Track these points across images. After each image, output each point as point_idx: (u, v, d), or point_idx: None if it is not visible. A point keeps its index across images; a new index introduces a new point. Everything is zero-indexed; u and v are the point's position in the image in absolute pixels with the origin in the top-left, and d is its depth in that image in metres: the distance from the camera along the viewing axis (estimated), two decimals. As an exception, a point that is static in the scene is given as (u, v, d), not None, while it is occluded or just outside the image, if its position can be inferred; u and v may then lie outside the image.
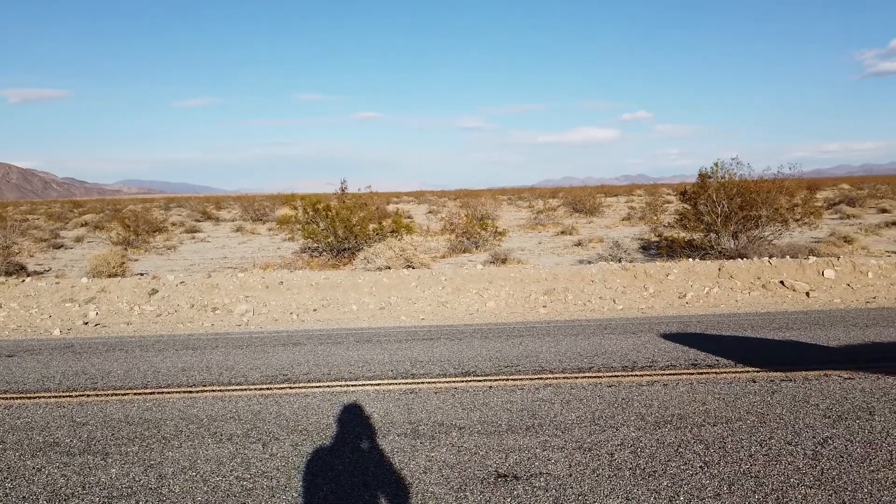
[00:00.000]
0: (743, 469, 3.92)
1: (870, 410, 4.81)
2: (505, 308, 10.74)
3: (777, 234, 14.44)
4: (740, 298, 10.67)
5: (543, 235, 24.95)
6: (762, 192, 13.90)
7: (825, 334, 7.52)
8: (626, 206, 43.81)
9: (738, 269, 11.66)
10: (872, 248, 16.52)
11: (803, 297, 10.61)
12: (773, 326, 8.19)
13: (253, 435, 4.84)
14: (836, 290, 10.85)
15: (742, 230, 14.03)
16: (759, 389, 5.44)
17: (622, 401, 5.30)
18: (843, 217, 27.41)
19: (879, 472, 3.79)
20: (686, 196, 15.65)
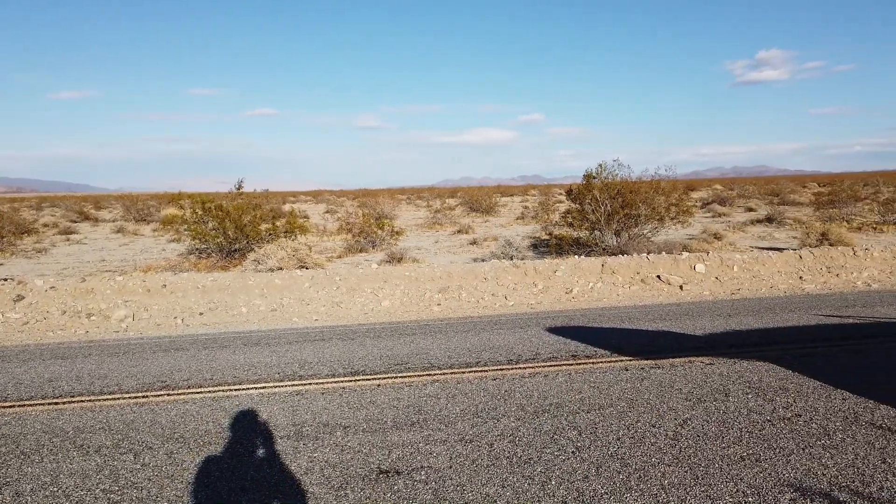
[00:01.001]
0: (611, 452, 4.17)
1: (725, 392, 5.24)
2: (400, 307, 10.78)
3: (655, 232, 15.39)
4: (621, 292, 11.28)
5: (440, 234, 25.25)
6: (641, 192, 14.77)
7: (693, 324, 8.11)
8: (520, 205, 45.12)
9: (620, 265, 12.32)
10: (739, 244, 17.96)
11: (677, 290, 11.37)
12: (649, 318, 8.73)
13: (124, 445, 4.60)
14: (706, 283, 11.71)
15: (623, 228, 14.84)
16: (630, 377, 5.79)
17: (505, 393, 5.48)
18: (715, 215, 29.57)
19: (730, 449, 4.14)
20: (573, 196, 16.36)
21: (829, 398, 4.96)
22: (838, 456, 3.91)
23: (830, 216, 23.08)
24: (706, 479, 3.71)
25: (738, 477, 3.72)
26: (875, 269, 12.11)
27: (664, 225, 15.45)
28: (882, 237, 18.67)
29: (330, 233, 25.56)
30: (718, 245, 17.11)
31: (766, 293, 10.74)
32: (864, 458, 3.87)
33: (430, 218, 31.91)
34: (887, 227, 21.02)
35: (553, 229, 18.76)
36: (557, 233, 16.99)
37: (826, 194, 26.96)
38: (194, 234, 16.81)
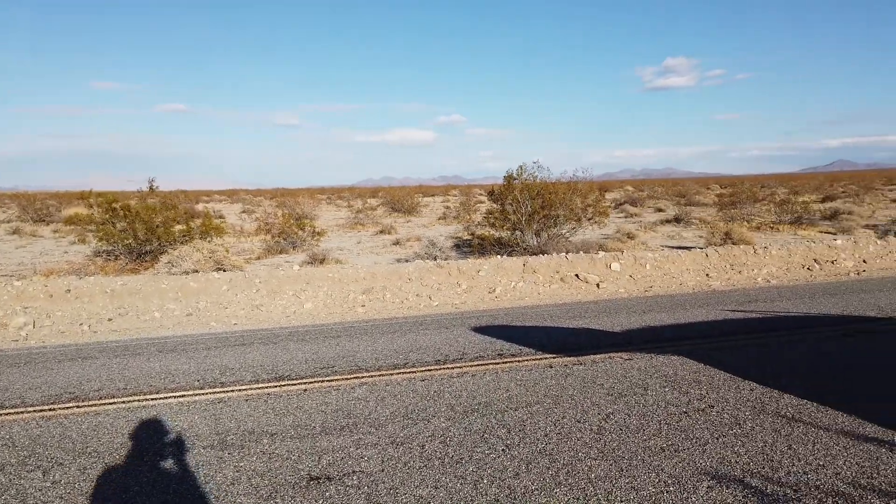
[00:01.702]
0: (539, 448, 4.26)
1: (644, 386, 5.47)
2: (323, 309, 10.61)
3: (573, 232, 15.87)
4: (542, 291, 11.56)
5: (363, 235, 25.03)
6: (559, 193, 15.19)
7: (611, 321, 8.42)
8: (442, 205, 45.38)
9: (541, 265, 12.62)
10: (650, 243, 18.78)
11: (595, 288, 11.77)
12: (570, 316, 8.99)
13: (31, 462, 4.29)
14: (621, 280, 12.18)
15: (543, 228, 15.21)
16: (555, 374, 5.94)
17: (434, 393, 5.50)
18: (627, 216, 30.80)
19: (651, 440, 4.33)
20: (494, 196, 16.62)
21: (739, 389, 5.27)
22: (749, 444, 4.17)
23: (732, 216, 24.51)
24: (630, 471, 3.86)
25: (660, 467, 3.89)
26: (773, 266, 12.97)
27: (581, 225, 15.95)
28: (778, 236, 20.01)
29: (248, 234, 24.81)
30: (632, 244, 17.83)
31: (677, 290, 11.29)
32: (772, 444, 4.14)
33: (351, 218, 31.57)
34: (783, 226, 22.56)
35: (475, 229, 18.98)
36: (480, 233, 17.21)
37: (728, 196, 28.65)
38: (101, 235, 15.90)
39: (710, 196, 41.00)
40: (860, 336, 6.94)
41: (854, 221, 21.73)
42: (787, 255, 13.51)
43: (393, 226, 26.52)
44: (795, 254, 13.54)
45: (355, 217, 31.66)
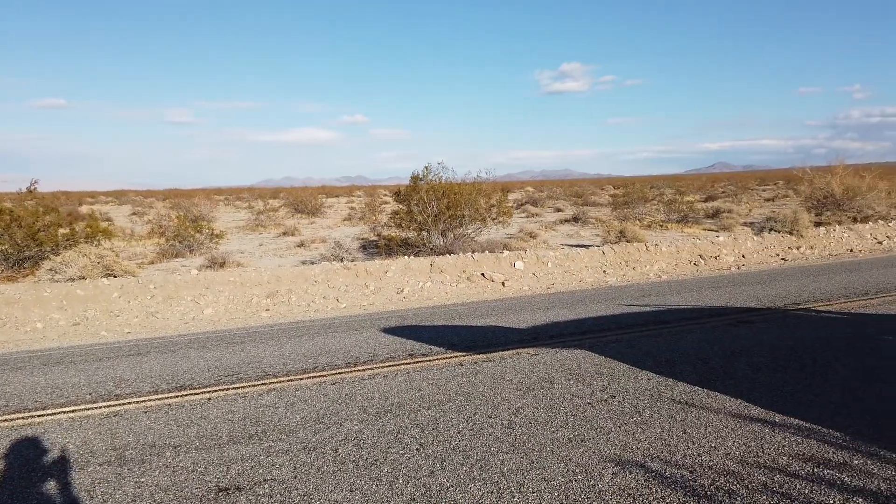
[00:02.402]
0: (453, 445, 4.32)
1: (551, 380, 5.67)
2: (225, 314, 10.23)
3: (478, 232, 16.16)
4: (450, 290, 11.70)
5: (265, 237, 24.31)
6: (464, 193, 15.42)
7: (517, 318, 8.65)
8: (346, 206, 44.85)
9: (447, 264, 12.77)
10: (551, 242, 19.44)
11: (500, 286, 12.04)
12: (478, 314, 9.16)
13: None
14: (524, 279, 12.54)
15: (450, 228, 15.39)
16: (465, 371, 6.04)
17: (346, 396, 5.45)
18: (529, 215, 31.71)
19: (559, 432, 4.49)
20: (400, 196, 16.63)
21: (637, 379, 5.57)
22: (648, 430, 4.42)
23: (626, 216, 25.80)
24: (540, 462, 3.99)
25: (568, 457, 4.05)
26: (664, 263, 13.79)
27: (486, 225, 16.27)
28: (667, 234, 21.25)
29: (139, 237, 23.48)
30: (534, 243, 18.38)
31: (577, 287, 11.76)
32: (669, 430, 4.41)
33: (252, 220, 30.55)
34: (671, 224, 23.99)
35: (382, 230, 18.91)
36: (386, 234, 17.17)
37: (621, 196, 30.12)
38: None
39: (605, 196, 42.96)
40: (742, 325, 7.51)
41: (733, 219, 23.45)
42: (676, 251, 14.39)
43: (297, 227, 25.93)
44: (683, 250, 14.45)
45: (256, 218, 30.68)
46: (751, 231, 17.97)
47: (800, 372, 5.55)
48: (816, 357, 5.99)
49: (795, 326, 7.35)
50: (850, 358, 5.91)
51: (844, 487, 3.49)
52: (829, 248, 15.48)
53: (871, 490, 3.45)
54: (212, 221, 28.48)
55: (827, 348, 6.28)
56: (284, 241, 22.30)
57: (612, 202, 31.67)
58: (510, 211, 17.74)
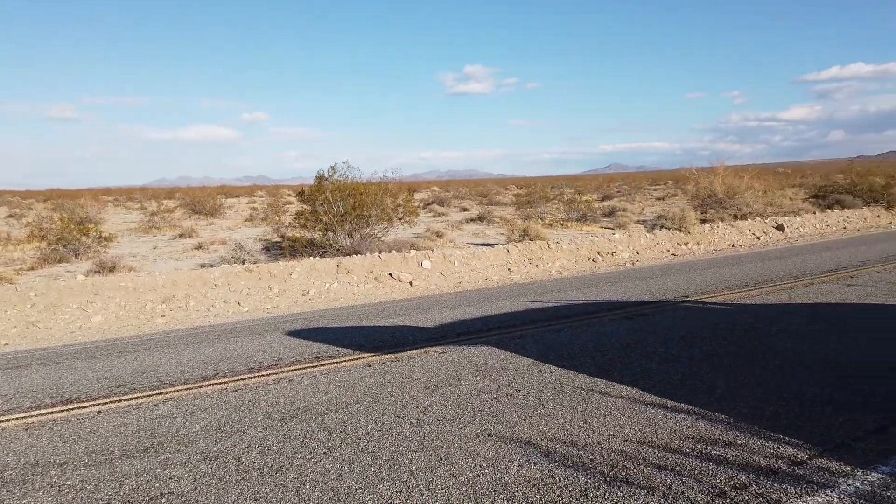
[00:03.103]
0: (361, 447, 4.28)
1: (458, 377, 5.73)
2: (116, 322, 9.64)
3: (385, 232, 16.10)
4: (357, 291, 11.58)
5: (159, 239, 23.09)
6: (371, 193, 15.32)
7: (425, 317, 8.69)
8: (248, 206, 43.41)
9: (354, 265, 12.64)
10: (458, 241, 19.67)
11: (408, 286, 12.06)
12: (385, 314, 9.12)
13: None
14: (432, 278, 12.62)
15: (356, 229, 15.24)
16: (373, 372, 6.00)
17: (249, 403, 5.27)
18: (435, 215, 31.94)
19: (466, 428, 4.55)
20: (305, 197, 16.29)
21: (541, 372, 5.74)
22: (552, 421, 4.56)
23: (528, 215, 26.53)
24: (448, 459, 4.03)
25: (476, 452, 4.11)
26: (564, 260, 14.29)
27: (393, 225, 16.24)
28: (567, 232, 22.04)
29: (17, 241, 21.68)
30: (441, 242, 18.54)
31: (483, 284, 11.97)
32: (571, 420, 4.57)
33: (145, 221, 28.94)
34: (571, 223, 24.90)
35: (286, 231, 18.44)
36: (291, 235, 16.76)
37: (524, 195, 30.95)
38: None
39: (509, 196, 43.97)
40: (637, 318, 7.91)
41: (628, 218, 24.65)
42: (576, 249, 14.96)
43: (194, 229, 24.81)
44: (582, 248, 15.04)
45: (150, 220, 29.10)
46: (644, 229, 18.95)
47: (689, 360, 5.92)
48: (703, 346, 6.40)
49: (684, 318, 7.83)
50: (733, 345, 6.37)
51: (730, 464, 3.75)
52: (714, 244, 16.60)
53: (753, 465, 3.72)
54: (100, 223, 26.76)
55: (713, 337, 6.73)
56: (181, 243, 21.29)
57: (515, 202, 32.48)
58: (416, 210, 17.80)
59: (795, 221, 19.32)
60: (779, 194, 24.11)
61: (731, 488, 3.48)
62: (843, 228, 19.57)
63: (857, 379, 5.18)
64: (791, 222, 19.09)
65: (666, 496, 3.42)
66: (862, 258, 12.34)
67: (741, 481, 3.54)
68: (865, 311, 7.75)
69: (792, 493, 3.39)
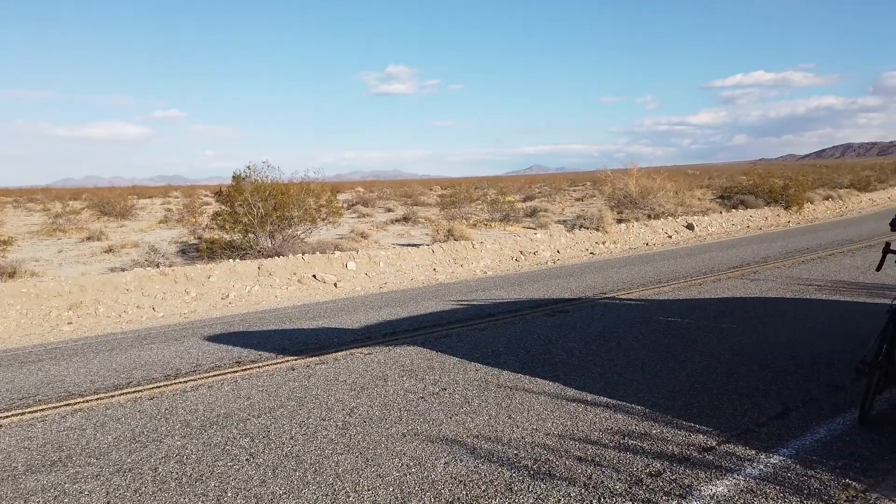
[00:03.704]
0: (285, 452, 4.20)
1: (384, 378, 5.72)
2: (17, 330, 9.03)
3: (308, 233, 15.82)
4: (280, 294, 11.33)
5: (65, 242, 21.77)
6: (293, 194, 15.02)
7: (351, 318, 8.61)
8: (162, 208, 41.61)
9: (277, 267, 12.36)
10: (383, 242, 19.58)
11: (332, 287, 11.90)
12: (309, 316, 8.97)
13: None
14: (357, 279, 12.51)
15: (278, 230, 14.90)
16: (297, 376, 5.90)
17: (166, 411, 5.07)
18: (360, 216, 31.67)
19: (393, 428, 4.55)
20: (223, 197, 15.79)
21: (466, 371, 5.81)
22: (477, 418, 4.63)
23: (453, 215, 26.73)
24: (375, 460, 4.02)
25: (402, 452, 4.12)
26: (489, 259, 14.50)
27: (317, 226, 15.99)
28: (492, 232, 22.36)
29: None
30: (366, 243, 18.40)
31: (409, 285, 11.97)
32: (496, 416, 4.66)
33: (49, 223, 27.22)
34: (495, 223, 25.28)
35: (203, 233, 17.80)
36: (208, 236, 16.20)
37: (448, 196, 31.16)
38: None
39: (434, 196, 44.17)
40: (558, 315, 8.12)
41: (549, 218, 25.27)
42: (500, 248, 15.20)
43: (104, 231, 23.55)
44: (506, 247, 15.30)
45: (54, 222, 27.39)
46: (564, 228, 19.49)
47: (607, 354, 6.14)
48: (620, 340, 6.65)
49: (603, 313, 8.11)
50: (648, 339, 6.65)
51: (646, 453, 3.92)
52: (629, 243, 17.27)
53: (666, 453, 3.91)
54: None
55: (629, 332, 7.01)
56: (89, 246, 20.17)
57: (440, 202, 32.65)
58: (340, 211, 17.60)
59: (704, 221, 20.37)
60: (688, 195, 25.35)
61: (646, 476, 3.64)
62: (747, 227, 20.80)
63: (761, 368, 5.52)
64: (700, 221, 20.12)
65: (586, 486, 3.54)
66: (763, 255, 13.16)
67: (656, 469, 3.71)
68: (767, 304, 8.27)
69: (702, 478, 3.58)
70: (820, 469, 3.64)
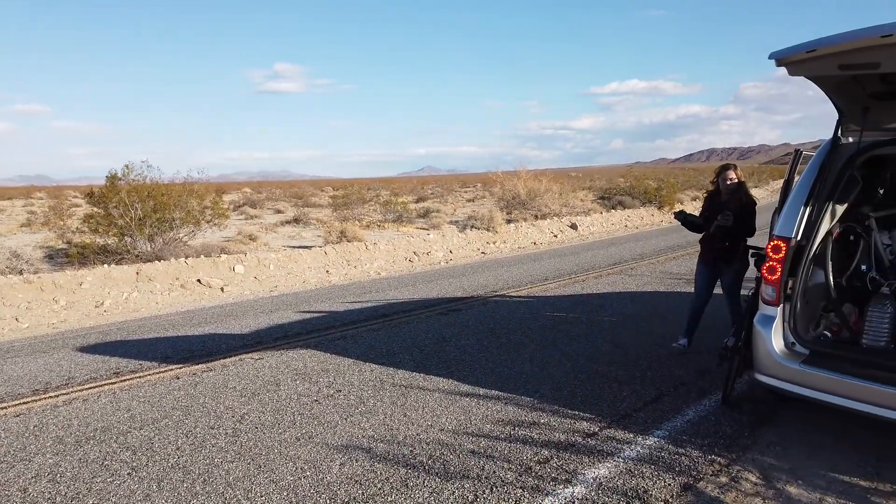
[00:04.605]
0: (171, 464, 4.02)
1: (277, 382, 5.60)
2: None
3: (192, 236, 15.11)
4: (161, 300, 10.75)
5: None
6: (174, 195, 14.30)
7: (239, 323, 8.33)
8: (24, 210, 38.14)
9: (157, 272, 11.71)
10: (273, 244, 19.05)
11: (219, 292, 11.45)
12: (195, 323, 8.59)
13: None
14: (245, 283, 12.10)
15: (158, 233, 14.12)
16: (183, 384, 5.64)
17: (35, 428, 4.69)
18: (248, 217, 30.60)
19: (286, 433, 4.47)
20: (95, 199, 14.73)
21: (362, 371, 5.81)
22: (373, 418, 4.65)
23: (346, 216, 26.47)
24: (268, 466, 3.94)
25: (296, 456, 4.06)
26: (382, 260, 14.50)
27: (201, 228, 15.30)
28: (385, 233, 22.35)
29: None
30: (254, 246, 17.84)
31: (301, 287, 11.74)
32: (392, 415, 4.69)
33: None
34: (388, 224, 25.29)
35: (73, 237, 16.53)
36: (79, 240, 15.06)
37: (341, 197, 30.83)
38: None
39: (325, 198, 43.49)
40: (451, 313, 8.28)
41: (441, 219, 25.61)
42: (393, 249, 15.24)
43: (-46, 236, 21.28)
44: (399, 248, 15.37)
45: None
46: (456, 229, 19.85)
47: (498, 350, 6.35)
48: (510, 336, 6.90)
49: (493, 311, 8.36)
50: (536, 334, 6.94)
51: (535, 442, 4.10)
52: (518, 242, 17.86)
53: (553, 441, 4.11)
54: None
55: (518, 327, 7.28)
56: (-63, 253, 18.14)
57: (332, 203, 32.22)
58: (226, 213, 16.95)
59: (587, 220, 21.45)
60: (572, 196, 26.59)
61: (535, 463, 3.81)
62: (625, 226, 22.12)
63: (637, 357, 5.93)
64: (583, 221, 21.16)
65: (479, 478, 3.66)
66: (640, 252, 14.07)
67: (544, 456, 3.90)
68: (643, 298, 8.86)
69: (586, 463, 3.80)
70: (689, 447, 3.97)
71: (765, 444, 4.02)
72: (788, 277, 3.96)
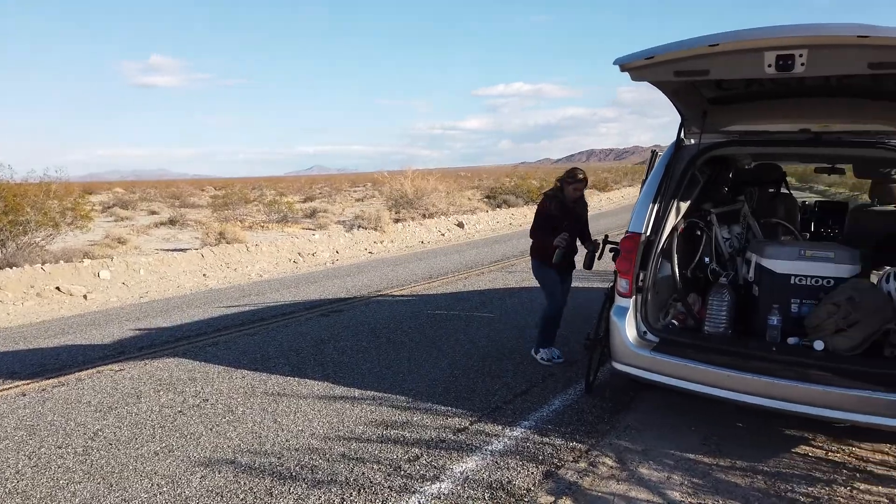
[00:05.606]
0: (9, 489, 3.66)
1: (137, 395, 5.25)
2: None
3: (50, 240, 13.92)
4: (13, 311, 9.81)
5: None
6: (29, 196, 13.12)
7: (101, 333, 7.75)
8: None
9: (9, 280, 10.68)
10: (144, 247, 17.94)
11: (81, 300, 10.61)
12: (50, 334, 7.89)
13: None
14: (112, 289, 11.29)
15: (10, 237, 12.88)
16: (29, 401, 5.16)
17: None
18: (117, 219, 28.63)
19: (144, 447, 4.19)
20: (-66, 200, 13.22)
21: (232, 379, 5.57)
22: (240, 427, 4.46)
23: (226, 217, 25.41)
24: (121, 484, 3.68)
25: (153, 472, 3.82)
26: (265, 262, 14.03)
27: (61, 231, 14.13)
28: (269, 233, 21.67)
29: None
30: (123, 250, 16.71)
31: (174, 293, 11.11)
32: (261, 423, 4.53)
33: None
34: (272, 224, 24.54)
35: None
36: (-86, 247, 13.44)
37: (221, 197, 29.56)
38: None
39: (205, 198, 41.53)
40: (332, 315, 8.15)
41: (328, 218, 25.21)
42: (276, 250, 14.80)
43: None
44: (283, 249, 14.94)
45: None
46: (343, 229, 19.61)
47: (377, 349, 6.31)
48: (390, 335, 6.88)
49: (376, 311, 8.31)
50: (416, 332, 6.97)
51: (406, 441, 4.11)
52: (406, 241, 17.90)
53: (424, 438, 4.14)
54: None
55: (399, 326, 7.28)
56: None
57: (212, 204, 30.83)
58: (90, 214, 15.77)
59: (473, 219, 21.87)
60: (459, 195, 27.04)
61: (405, 462, 3.82)
62: (510, 224, 22.76)
63: (511, 351, 6.10)
64: (469, 220, 21.56)
65: (347, 481, 3.61)
66: (521, 249, 14.51)
67: (414, 454, 3.91)
68: (521, 293, 9.13)
69: (455, 458, 3.86)
70: (553, 436, 4.13)
71: (622, 428, 4.26)
72: (640, 270, 4.21)
